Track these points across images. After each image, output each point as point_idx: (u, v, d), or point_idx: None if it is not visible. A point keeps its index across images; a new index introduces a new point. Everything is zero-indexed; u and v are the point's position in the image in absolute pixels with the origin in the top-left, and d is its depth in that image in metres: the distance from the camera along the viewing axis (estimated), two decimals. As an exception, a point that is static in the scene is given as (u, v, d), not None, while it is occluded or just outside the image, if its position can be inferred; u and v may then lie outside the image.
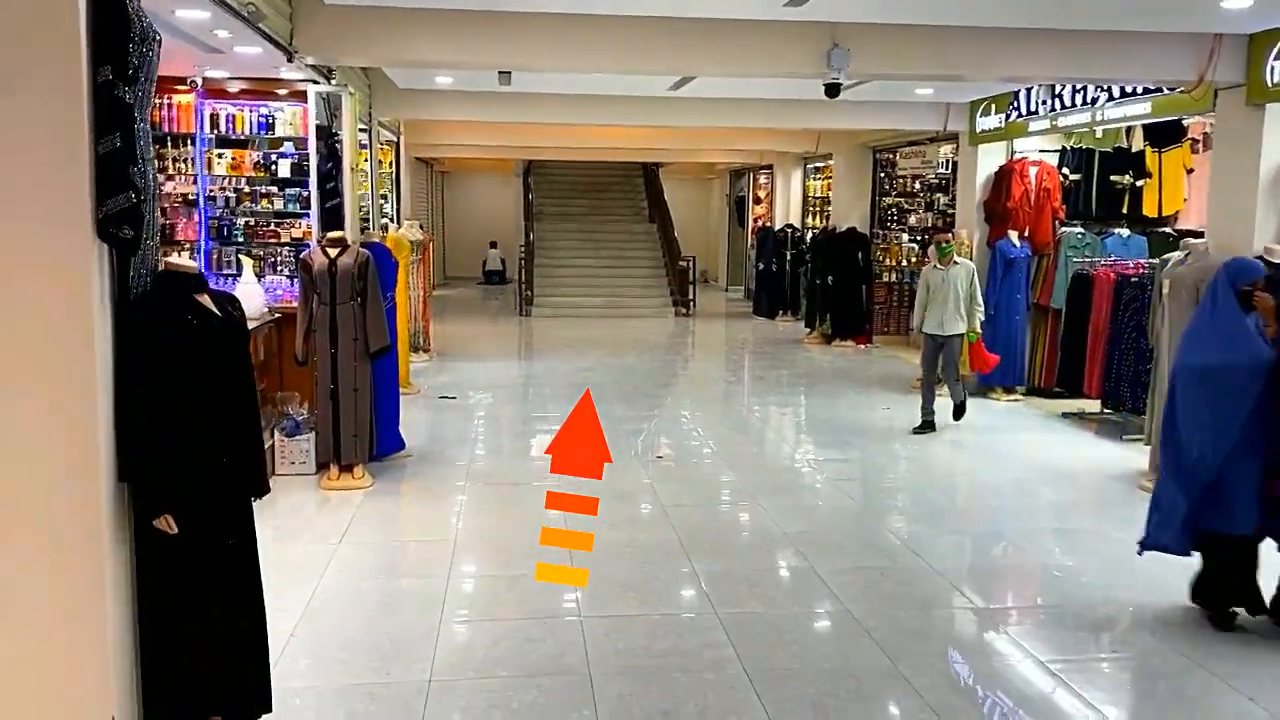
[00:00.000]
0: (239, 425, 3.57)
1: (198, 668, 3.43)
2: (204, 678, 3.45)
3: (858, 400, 10.87)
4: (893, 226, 15.49)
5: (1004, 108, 10.41)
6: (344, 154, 7.18)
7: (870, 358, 14.20)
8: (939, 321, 8.84)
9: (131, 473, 3.30)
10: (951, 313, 8.81)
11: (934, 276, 8.94)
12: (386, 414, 7.85)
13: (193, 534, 3.37)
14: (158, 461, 3.29)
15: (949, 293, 8.80)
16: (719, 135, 16.19)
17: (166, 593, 3.39)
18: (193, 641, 3.41)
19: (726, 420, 10.06)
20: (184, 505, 3.35)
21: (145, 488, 3.33)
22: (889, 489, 7.59)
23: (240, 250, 7.61)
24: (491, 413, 10.04)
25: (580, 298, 19.09)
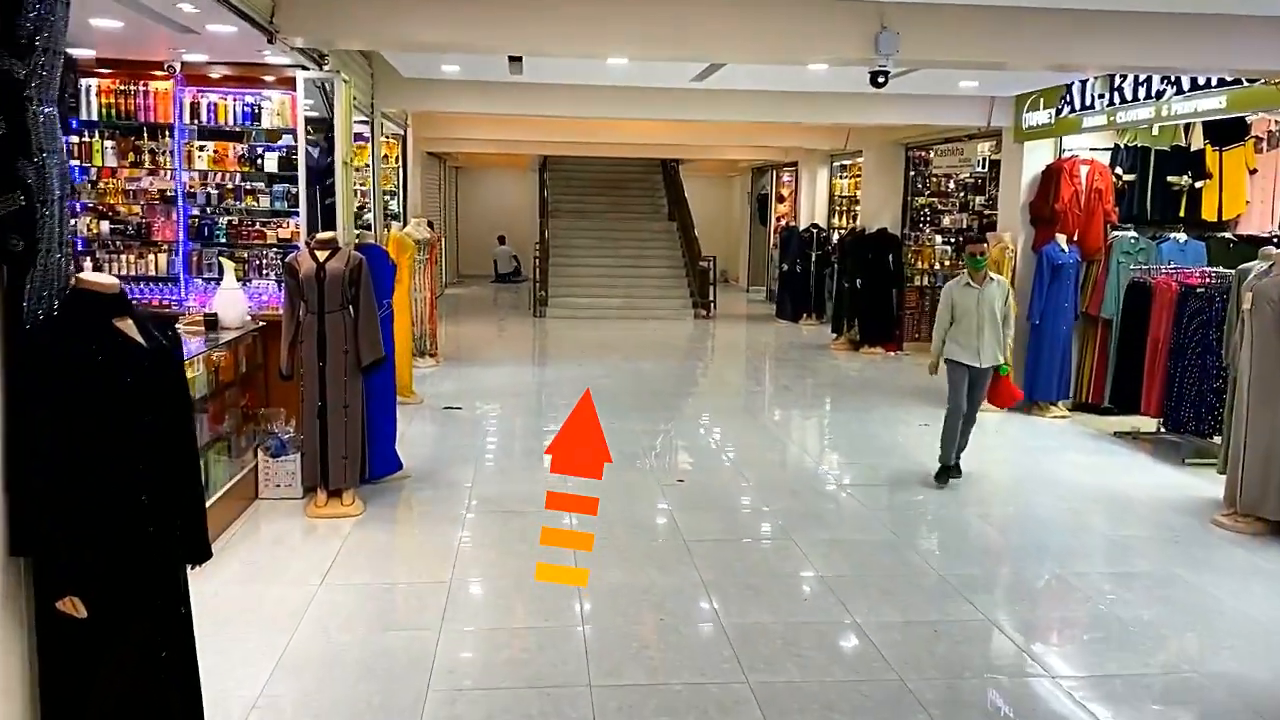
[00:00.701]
0: (170, 479, 2.90)
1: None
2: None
3: (891, 415, 10.14)
4: (925, 228, 14.73)
5: (1054, 102, 9.66)
6: (336, 146, 6.52)
7: (900, 366, 13.46)
8: (975, 350, 7.27)
9: (28, 544, 2.64)
10: (990, 340, 7.30)
11: (964, 296, 7.34)
12: (382, 432, 7.19)
13: (108, 620, 2.71)
14: (61, 529, 2.63)
15: (984, 316, 7.28)
16: (744, 131, 15.46)
17: (73, 692, 2.73)
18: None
19: (751, 436, 9.36)
20: (96, 584, 2.69)
21: (46, 562, 2.67)
22: (931, 519, 6.86)
23: (223, 252, 6.95)
24: (499, 425, 9.37)
25: (597, 298, 18.42)
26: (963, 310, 7.31)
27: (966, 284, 7.37)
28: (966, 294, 7.35)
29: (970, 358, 7.31)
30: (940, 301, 7.58)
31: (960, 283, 7.42)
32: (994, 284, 7.39)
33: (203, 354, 5.90)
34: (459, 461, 7.92)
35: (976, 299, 7.28)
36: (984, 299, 7.29)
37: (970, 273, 7.37)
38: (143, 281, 6.95)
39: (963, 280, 7.43)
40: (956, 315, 7.33)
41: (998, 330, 7.33)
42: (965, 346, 7.30)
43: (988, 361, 7.33)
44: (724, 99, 10.31)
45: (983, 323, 7.26)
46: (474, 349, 14.84)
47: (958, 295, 7.37)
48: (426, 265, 12.06)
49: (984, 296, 7.30)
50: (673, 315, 18.27)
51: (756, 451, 8.67)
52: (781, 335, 16.62)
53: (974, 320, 7.25)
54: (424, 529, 6.46)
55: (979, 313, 7.25)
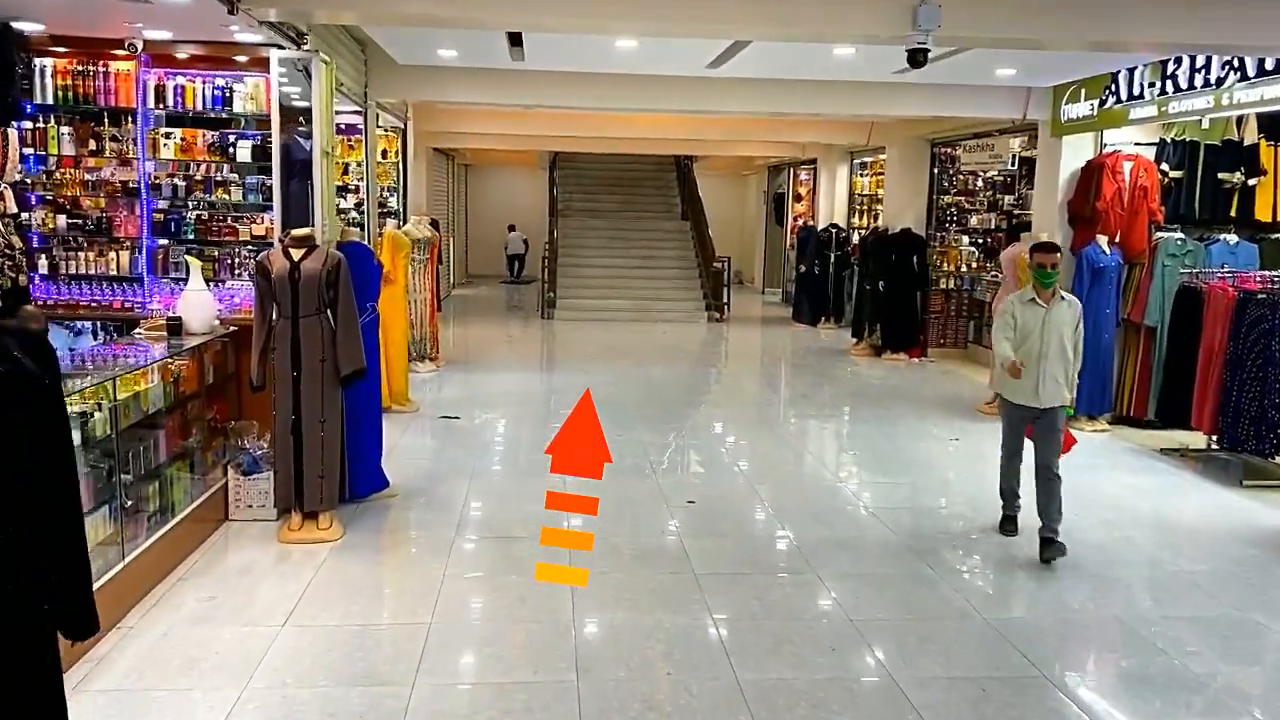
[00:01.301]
0: (36, 534, 2.27)
1: None
2: None
3: (918, 427, 9.47)
4: (951, 228, 14.04)
5: (1097, 92, 8.97)
6: (314, 135, 5.90)
7: (925, 373, 12.78)
8: (1033, 385, 5.83)
9: None
10: (1053, 373, 5.82)
11: (1028, 314, 5.88)
12: (366, 447, 6.58)
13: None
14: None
15: (1050, 342, 5.80)
16: (760, 126, 14.82)
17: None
18: None
19: (767, 450, 8.70)
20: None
21: None
22: (969, 549, 6.19)
23: (191, 249, 6.33)
24: (497, 437, 8.73)
25: (606, 300, 17.79)
26: (1024, 332, 5.88)
27: (1032, 300, 5.91)
28: (1029, 312, 5.89)
29: (1027, 395, 5.89)
30: (997, 319, 6.14)
31: (1024, 297, 5.97)
32: (1064, 304, 5.90)
33: (157, 363, 5.28)
34: (452, 477, 7.29)
35: (1042, 321, 5.82)
36: (1051, 322, 5.82)
37: (1036, 287, 5.90)
38: (103, 282, 6.34)
39: (1027, 295, 5.96)
40: (1017, 339, 5.91)
41: (1065, 362, 5.87)
42: (1023, 378, 5.84)
43: (1049, 400, 5.86)
44: (740, 89, 9.66)
45: (1046, 350, 5.80)
46: (478, 352, 14.22)
47: (1021, 312, 5.92)
48: (427, 265, 11.46)
49: (1051, 319, 5.82)
50: (685, 318, 17.62)
51: (774, 468, 8.01)
52: (799, 339, 15.95)
53: (1036, 345, 5.82)
54: (406, 558, 5.83)
55: (1043, 338, 5.81)
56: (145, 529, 5.12)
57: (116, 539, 4.77)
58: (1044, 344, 5.81)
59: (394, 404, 9.36)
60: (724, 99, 9.71)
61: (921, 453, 8.51)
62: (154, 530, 5.19)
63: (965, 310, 13.81)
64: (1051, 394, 5.86)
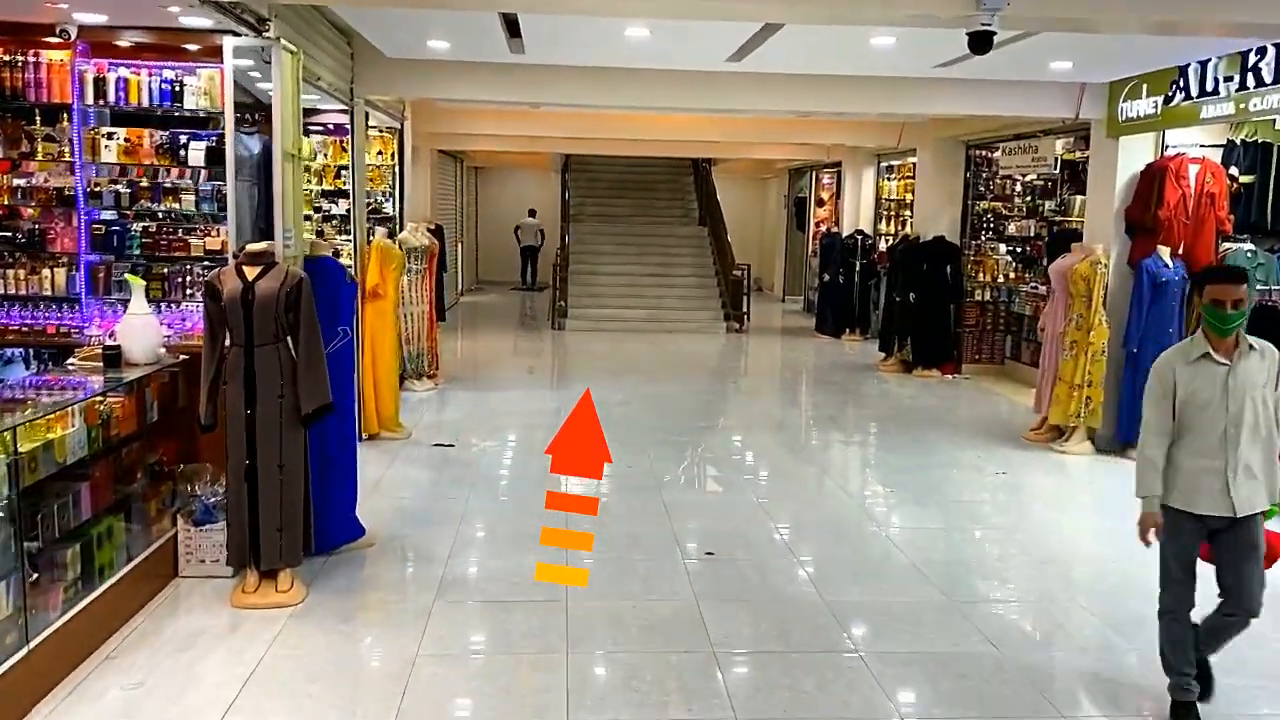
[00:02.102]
0: None
1: None
2: None
3: (958, 457, 8.59)
4: (986, 236, 13.13)
5: (1162, 88, 8.06)
6: (274, 134, 5.08)
7: (959, 391, 11.88)
8: (1221, 483, 3.86)
9: None
10: (1247, 460, 3.87)
11: (1200, 378, 3.86)
12: (338, 492, 5.77)
13: None
14: None
15: (1240, 415, 3.85)
16: (782, 127, 13.94)
17: None
18: None
19: (795, 485, 7.83)
20: None
21: None
22: (1039, 621, 5.32)
23: (136, 266, 5.52)
24: (495, 470, 7.89)
25: (620, 309, 16.96)
26: (1198, 404, 3.87)
27: (1204, 356, 3.87)
28: (1203, 376, 3.86)
29: (1213, 502, 3.88)
30: (1148, 388, 4.01)
31: (1190, 354, 3.91)
32: (1254, 356, 3.90)
33: (80, 403, 4.47)
34: (439, 521, 6.47)
35: (1223, 385, 3.84)
36: (1238, 385, 3.85)
37: (1209, 334, 3.88)
38: (35, 303, 5.54)
39: (1195, 349, 3.91)
40: (1187, 415, 3.90)
41: (1266, 443, 3.91)
42: (1202, 477, 3.89)
43: (1245, 505, 3.88)
44: (762, 86, 8.80)
45: (1235, 429, 3.85)
46: (481, 367, 13.41)
47: (1187, 377, 3.88)
48: (425, 275, 10.66)
49: (1238, 380, 3.85)
50: (702, 328, 16.76)
51: (802, 508, 7.15)
52: (822, 353, 15.06)
53: (1218, 423, 3.85)
54: (375, 629, 4.99)
55: (1228, 409, 3.84)
56: (62, 602, 4.31)
57: (17, 620, 3.95)
58: (1230, 419, 3.84)
59: (383, 430, 8.56)
60: (745, 96, 8.84)
61: (967, 489, 7.63)
62: (74, 602, 4.39)
63: (1002, 324, 12.90)
64: (1248, 496, 3.87)
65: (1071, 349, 8.75)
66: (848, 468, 8.63)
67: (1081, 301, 8.71)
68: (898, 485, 7.68)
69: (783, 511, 6.94)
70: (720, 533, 6.37)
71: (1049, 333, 9.21)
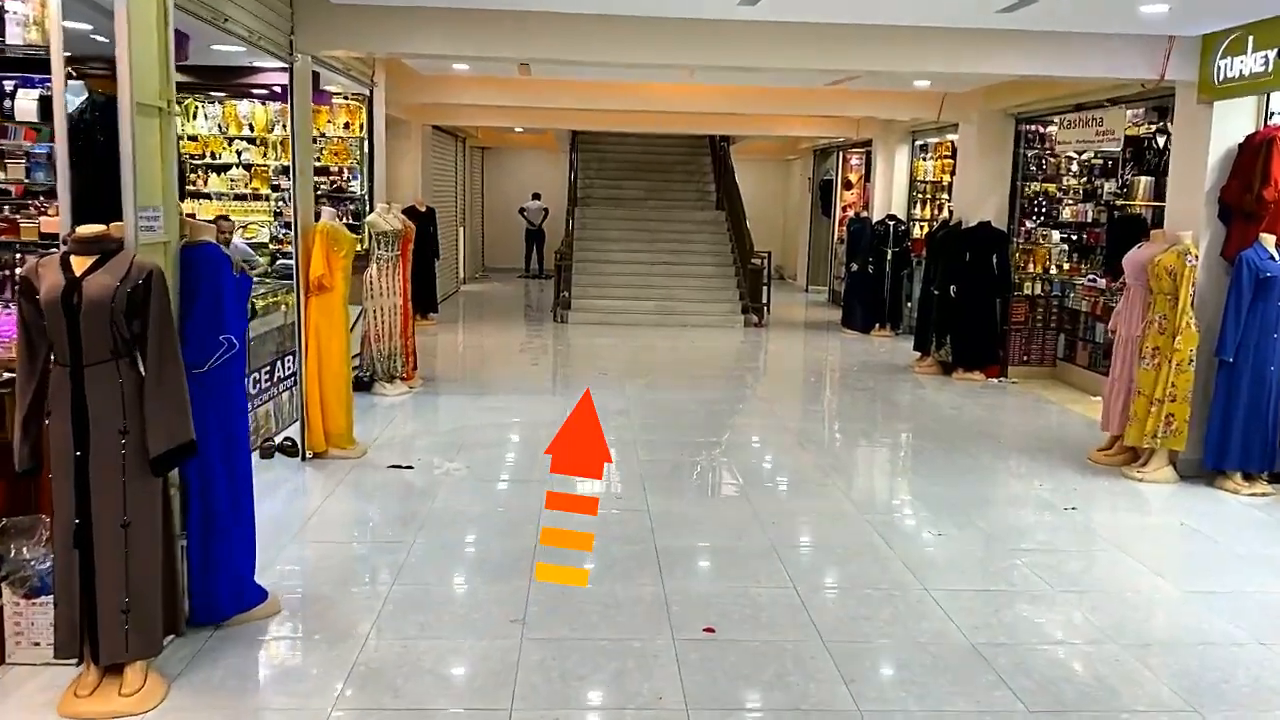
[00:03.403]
0: None
1: None
2: None
3: (1017, 488, 7.19)
4: (1037, 221, 11.64)
5: (1274, 39, 6.59)
6: (121, 78, 3.74)
7: (1008, 399, 10.45)
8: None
9: None
10: None
11: None
12: (226, 549, 4.43)
13: None
14: None
15: None
16: (808, 98, 12.45)
17: None
18: None
19: (819, 527, 6.45)
20: None
21: None
22: (1132, 705, 3.93)
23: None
24: (456, 502, 6.52)
25: (628, 300, 15.58)
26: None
27: None
28: None
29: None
30: None
31: None
32: None
33: None
34: (370, 577, 5.14)
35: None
36: None
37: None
38: None
39: None
40: None
41: None
42: None
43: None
44: (783, 38, 7.36)
45: None
46: (468, 366, 12.09)
47: None
48: (398, 264, 9.33)
49: None
50: (718, 322, 15.36)
51: (832, 564, 5.75)
52: (850, 351, 13.63)
53: None
54: (247, 751, 3.67)
55: None
56: None
57: None
58: None
59: (332, 448, 7.25)
60: (762, 51, 7.39)
61: (1031, 531, 6.21)
62: None
63: (1054, 321, 11.43)
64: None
65: (1152, 357, 7.30)
66: (885, 505, 7.20)
67: (1165, 300, 7.26)
68: (947, 526, 6.27)
69: (805, 567, 5.55)
70: (724, 599, 4.99)
71: (1122, 335, 7.77)
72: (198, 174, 9.49)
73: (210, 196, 9.67)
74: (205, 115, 9.39)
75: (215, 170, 9.57)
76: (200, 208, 9.60)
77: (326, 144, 9.59)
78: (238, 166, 9.58)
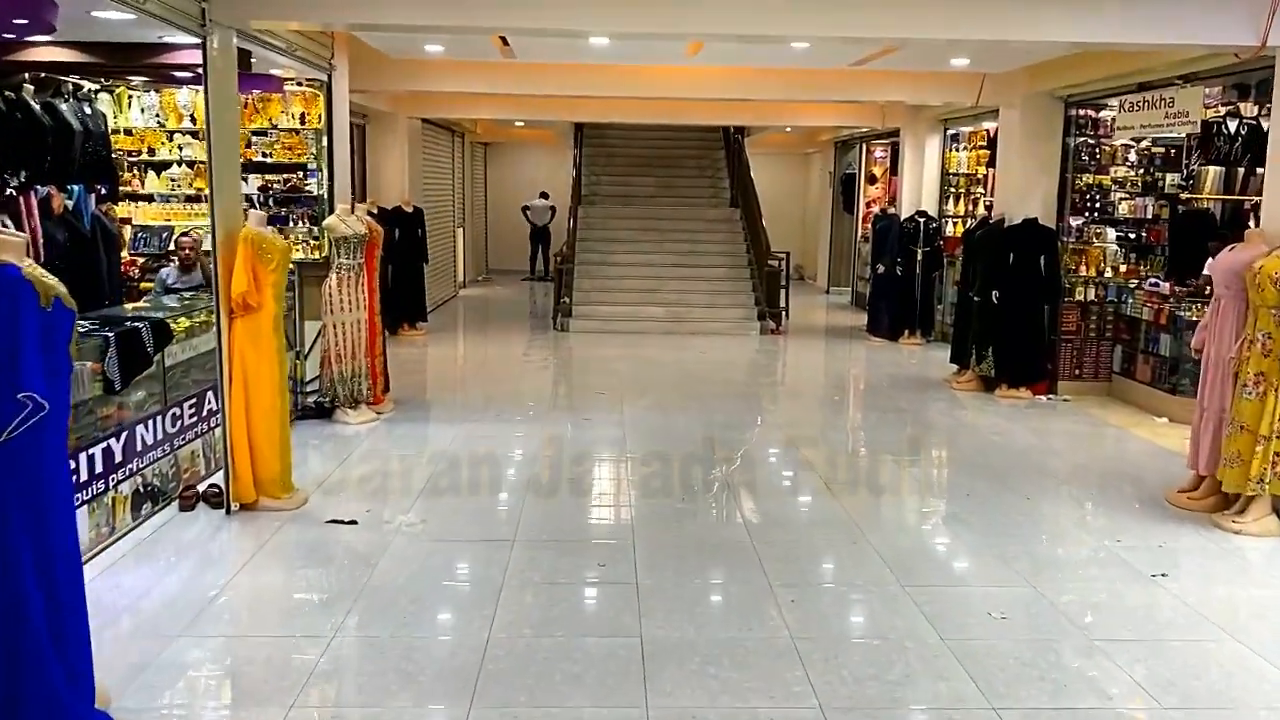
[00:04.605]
0: None
1: None
2: None
3: (1088, 539, 5.93)
4: (1089, 218, 10.33)
5: None
6: None
7: (1058, 419, 9.18)
8: None
9: None
10: None
11: None
12: (37, 676, 3.24)
13: None
14: None
15: None
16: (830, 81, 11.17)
17: None
18: None
19: (852, 603, 5.21)
20: None
21: None
22: None
23: None
24: (400, 574, 5.30)
25: (635, 306, 14.37)
26: None
27: None
28: None
29: None
30: None
31: None
32: None
33: None
34: (267, 692, 3.94)
35: None
36: None
37: None
38: None
39: None
40: None
41: None
42: None
43: None
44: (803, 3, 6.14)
45: None
46: (451, 384, 10.93)
47: None
48: (362, 273, 8.16)
49: None
50: (732, 329, 14.12)
51: (865, 664, 4.51)
52: (877, 362, 12.35)
53: None
54: None
55: None
56: None
57: None
58: None
59: (263, 497, 6.07)
60: (777, 16, 6.15)
61: (1124, 614, 4.94)
62: None
63: (1109, 330, 10.12)
64: None
65: (1256, 384, 6.01)
66: (932, 571, 5.89)
67: (1269, 316, 5.96)
68: (1009, 603, 5.00)
69: (834, 674, 4.30)
70: (726, 710, 3.77)
71: (1211, 355, 6.49)
72: (134, 173, 8.34)
73: (151, 198, 8.51)
74: (141, 107, 8.23)
75: (154, 168, 8.42)
76: (138, 211, 8.45)
77: (279, 138, 8.41)
78: (179, 164, 8.43)
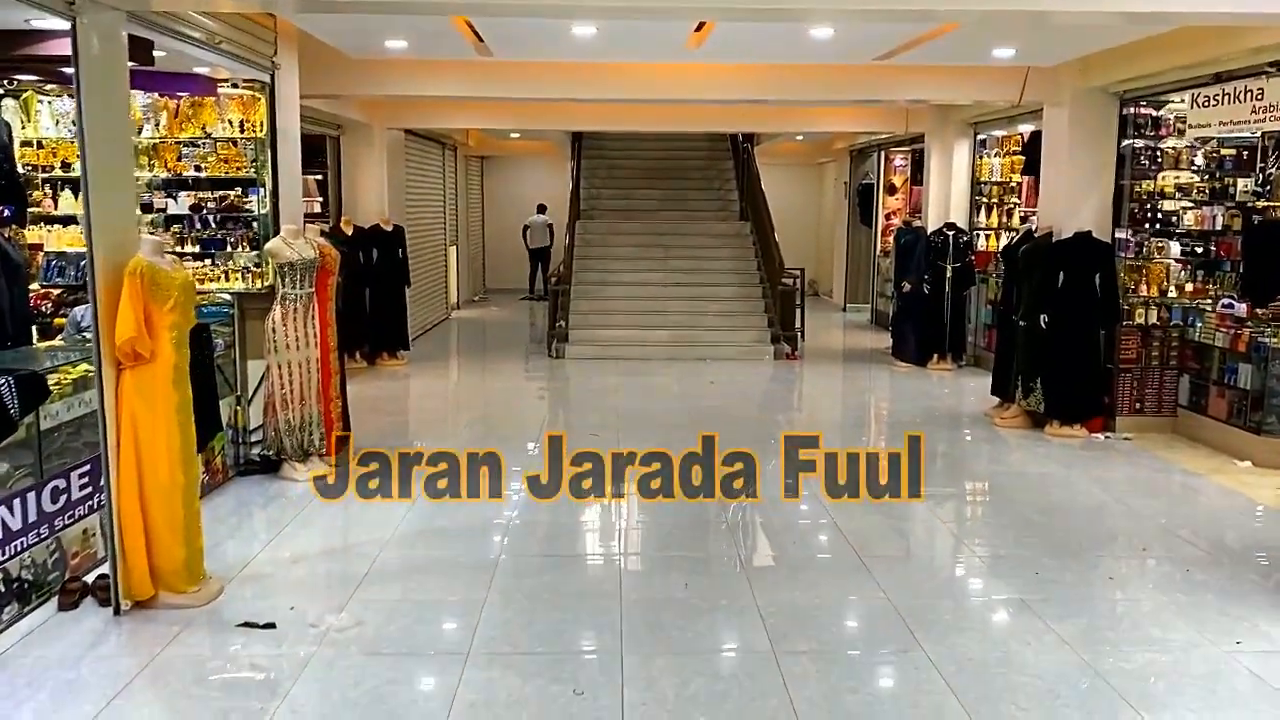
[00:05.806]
0: None
1: None
2: None
3: (1192, 635, 4.68)
4: (1149, 230, 9.08)
5: None
6: None
7: (1120, 462, 7.93)
8: None
9: None
10: None
11: None
12: None
13: None
14: None
15: None
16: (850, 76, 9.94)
17: None
18: None
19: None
20: None
21: None
22: None
23: None
24: (316, 706, 4.11)
25: (637, 330, 13.19)
26: None
27: None
28: None
29: None
30: None
31: None
32: None
33: None
34: None
35: None
36: None
37: None
38: None
39: None
40: None
41: None
42: None
43: None
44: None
45: None
46: (424, 425, 9.74)
47: None
48: (313, 303, 7.00)
49: None
50: (743, 354, 12.91)
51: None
52: (905, 392, 11.11)
53: None
54: None
55: None
56: None
57: None
58: None
59: (164, 591, 4.88)
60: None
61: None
62: None
63: (1174, 357, 8.87)
64: None
65: None
66: (1001, 689, 4.64)
67: None
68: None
69: None
70: None
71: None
72: (45, 191, 7.18)
73: (67, 221, 7.35)
74: (52, 113, 7.08)
75: (70, 186, 7.26)
76: (52, 236, 7.29)
77: (215, 148, 7.25)
78: (100, 180, 7.26)
